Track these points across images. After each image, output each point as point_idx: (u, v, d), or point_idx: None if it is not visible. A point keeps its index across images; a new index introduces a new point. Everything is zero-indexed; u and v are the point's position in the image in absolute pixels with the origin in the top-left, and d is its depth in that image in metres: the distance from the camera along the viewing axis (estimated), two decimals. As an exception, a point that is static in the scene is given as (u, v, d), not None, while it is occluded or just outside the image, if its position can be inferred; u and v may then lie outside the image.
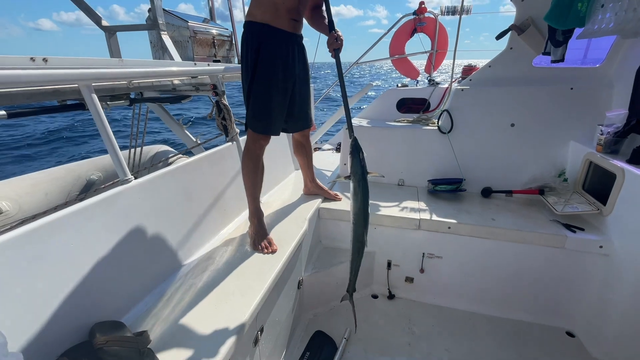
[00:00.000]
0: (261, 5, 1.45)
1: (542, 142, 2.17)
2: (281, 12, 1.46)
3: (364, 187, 1.27)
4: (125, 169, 1.21)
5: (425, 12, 3.03)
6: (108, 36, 1.94)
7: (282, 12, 1.47)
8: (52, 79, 1.00)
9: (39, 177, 2.03)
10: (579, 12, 1.31)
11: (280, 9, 1.46)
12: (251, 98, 1.52)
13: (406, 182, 2.49)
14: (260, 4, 1.45)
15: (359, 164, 1.31)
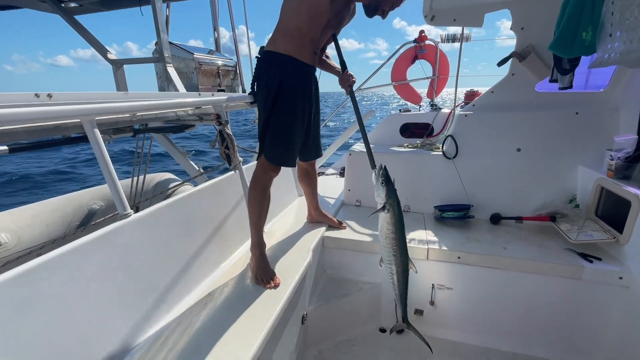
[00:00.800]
0: (288, 36, 1.47)
1: (550, 167, 2.13)
2: (305, 45, 1.49)
3: (400, 214, 1.32)
4: (125, 203, 1.18)
5: (425, 40, 3.09)
6: (115, 69, 1.98)
7: (306, 45, 1.50)
8: (54, 115, 0.99)
9: (40, 207, 2.01)
10: (584, 41, 1.31)
11: (305, 42, 1.49)
12: (270, 129, 1.51)
13: (412, 208, 2.43)
14: (287, 36, 1.47)
15: (394, 193, 1.34)
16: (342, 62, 1.77)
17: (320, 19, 1.46)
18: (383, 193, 1.28)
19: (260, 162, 1.57)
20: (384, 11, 1.54)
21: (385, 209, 1.31)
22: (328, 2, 1.41)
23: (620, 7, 1.08)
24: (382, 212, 1.33)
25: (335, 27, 1.61)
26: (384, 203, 1.29)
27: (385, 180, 1.27)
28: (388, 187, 1.27)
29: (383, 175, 1.29)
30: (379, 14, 1.55)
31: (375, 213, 1.37)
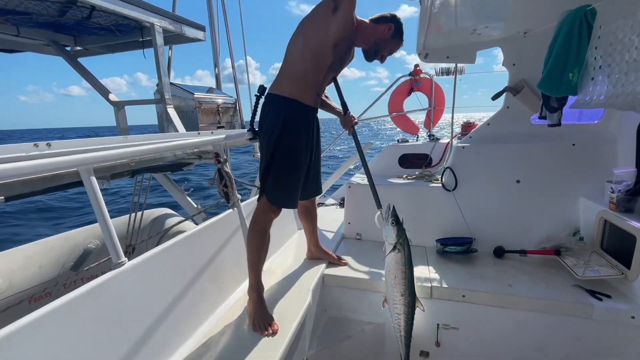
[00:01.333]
0: (293, 80, 1.50)
1: (551, 199, 2.11)
2: (309, 88, 1.53)
3: (410, 254, 1.30)
4: (119, 251, 1.15)
5: (420, 73, 3.18)
6: (116, 110, 2.02)
7: (310, 88, 1.53)
8: (53, 167, 0.98)
9: (34, 248, 1.98)
10: (570, 82, 1.34)
11: (309, 85, 1.52)
12: (272, 171, 1.51)
13: (413, 241, 2.37)
14: (292, 79, 1.50)
15: (404, 233, 1.33)
16: (344, 103, 1.82)
17: (324, 63, 1.51)
18: (394, 233, 1.27)
19: (261, 203, 1.55)
20: (382, 56, 1.60)
21: (395, 249, 1.30)
22: (331, 47, 1.46)
23: (603, 52, 1.11)
24: (393, 252, 1.31)
25: (336, 70, 1.65)
26: (395, 243, 1.28)
27: (395, 221, 1.27)
28: (398, 227, 1.27)
29: (393, 215, 1.29)
30: (378, 58, 1.62)
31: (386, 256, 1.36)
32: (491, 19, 1.78)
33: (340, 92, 1.81)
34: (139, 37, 1.99)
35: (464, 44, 2.11)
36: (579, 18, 1.32)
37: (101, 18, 1.74)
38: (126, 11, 1.59)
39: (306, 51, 1.47)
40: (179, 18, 1.97)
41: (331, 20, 1.41)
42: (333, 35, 1.43)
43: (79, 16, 1.69)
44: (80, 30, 1.97)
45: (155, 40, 1.81)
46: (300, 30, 1.48)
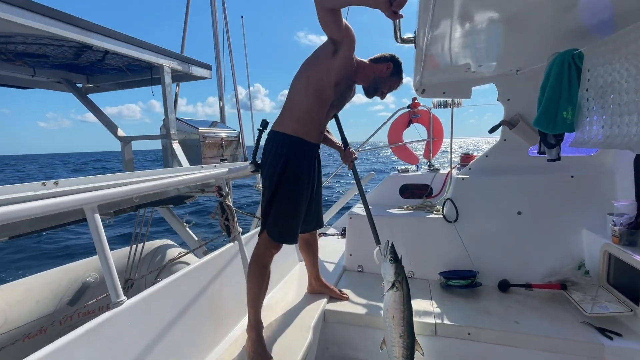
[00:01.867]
0: (296, 118, 1.55)
1: (553, 231, 2.10)
2: (313, 125, 1.58)
3: (409, 293, 1.28)
4: (119, 290, 1.14)
5: (418, 106, 3.28)
6: (123, 145, 2.08)
7: (313, 125, 1.58)
8: (58, 207, 1.00)
9: (34, 281, 1.96)
10: (565, 120, 1.38)
11: (313, 122, 1.57)
12: (273, 207, 1.52)
13: (416, 274, 2.35)
14: (296, 117, 1.55)
15: (403, 270, 1.31)
16: (344, 139, 1.88)
17: (326, 101, 1.56)
18: (392, 270, 1.25)
19: (262, 238, 1.56)
20: (382, 92, 1.66)
21: (394, 287, 1.27)
22: (332, 85, 1.52)
23: (594, 94, 1.16)
24: (391, 290, 1.29)
25: (337, 107, 1.71)
26: (393, 281, 1.25)
27: (393, 258, 1.26)
28: (397, 265, 1.25)
29: (392, 252, 1.27)
30: (378, 95, 1.68)
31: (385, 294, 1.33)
32: (483, 59, 1.86)
33: (341, 128, 1.87)
34: (148, 75, 2.09)
35: (459, 80, 2.20)
36: (567, 61, 1.38)
37: (114, 60, 1.84)
38: (138, 54, 1.70)
39: (309, 90, 1.53)
40: (186, 59, 2.09)
41: (332, 61, 1.48)
42: (334, 74, 1.50)
43: (93, 58, 1.79)
44: (93, 69, 2.08)
45: (163, 80, 1.91)
46: (303, 70, 1.56)
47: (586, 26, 1.36)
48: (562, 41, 1.51)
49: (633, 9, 1.16)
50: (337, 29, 1.40)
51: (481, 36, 1.48)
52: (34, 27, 1.18)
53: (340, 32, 1.41)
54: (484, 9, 1.21)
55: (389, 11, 1.13)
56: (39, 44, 1.52)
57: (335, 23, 1.38)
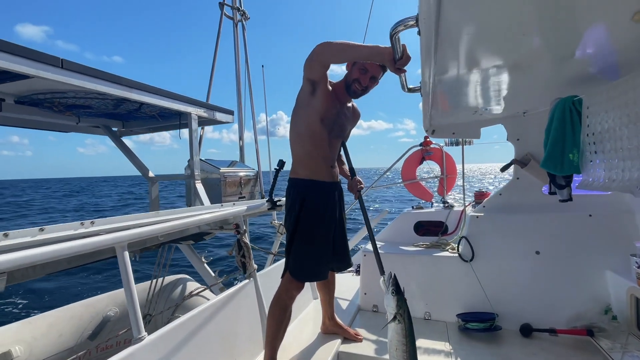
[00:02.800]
0: (302, 163, 1.63)
1: (575, 272, 2.03)
2: (320, 164, 1.63)
3: (411, 325, 1.27)
4: (141, 326, 1.20)
5: (430, 144, 3.36)
6: (151, 184, 2.25)
7: (320, 164, 1.63)
8: (93, 247, 1.11)
9: (58, 315, 2.05)
10: (572, 162, 1.41)
11: (319, 162, 1.62)
12: (294, 247, 1.57)
13: (433, 315, 2.29)
14: (302, 163, 1.63)
15: (405, 303, 1.30)
16: (351, 168, 1.89)
17: (321, 138, 1.60)
18: (393, 303, 1.25)
19: (285, 279, 1.59)
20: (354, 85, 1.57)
21: (395, 320, 1.27)
22: (318, 122, 1.56)
23: (595, 139, 1.21)
24: (393, 323, 1.28)
25: (340, 135, 1.70)
26: (395, 314, 1.26)
27: (395, 290, 1.26)
28: (399, 297, 1.25)
29: (393, 284, 1.28)
30: (354, 88, 1.59)
31: (386, 326, 1.31)
32: (489, 103, 1.95)
33: (348, 157, 1.88)
34: (177, 120, 2.30)
35: (468, 122, 2.28)
36: (568, 106, 1.44)
37: (148, 109, 2.06)
38: (169, 104, 1.90)
39: (302, 137, 1.60)
40: (211, 106, 2.30)
41: (312, 101, 1.54)
42: (316, 113, 1.55)
43: (130, 108, 2.02)
44: (128, 117, 2.33)
45: (190, 126, 2.10)
46: (292, 121, 1.65)
47: (585, 74, 1.43)
48: (564, 87, 1.58)
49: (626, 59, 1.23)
50: (320, 72, 1.47)
51: (485, 83, 1.58)
52: (85, 87, 1.39)
53: (322, 74, 1.47)
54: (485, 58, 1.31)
55: (394, 67, 1.25)
56: (86, 98, 1.75)
57: (323, 68, 1.45)
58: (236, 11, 3.04)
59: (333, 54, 1.38)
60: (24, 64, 1.20)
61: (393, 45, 1.12)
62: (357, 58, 1.40)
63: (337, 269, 1.87)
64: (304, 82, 1.54)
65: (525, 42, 1.10)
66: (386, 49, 1.22)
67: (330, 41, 1.37)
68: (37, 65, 1.25)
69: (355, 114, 1.84)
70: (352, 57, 1.37)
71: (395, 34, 1.02)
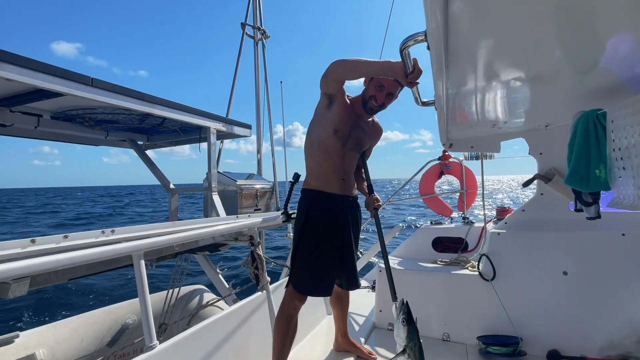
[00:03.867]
0: (313, 173, 1.66)
1: (607, 296, 1.89)
2: (330, 176, 1.62)
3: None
4: (153, 334, 1.23)
5: (449, 158, 3.29)
6: (171, 195, 2.34)
7: (330, 176, 1.62)
8: (111, 254, 1.15)
9: (80, 321, 2.13)
10: (599, 178, 1.34)
11: (329, 173, 1.62)
12: (297, 259, 1.58)
13: (452, 336, 2.19)
14: (313, 173, 1.66)
15: (416, 335, 1.20)
16: (370, 185, 1.83)
17: (334, 150, 1.60)
18: (404, 334, 1.16)
19: (288, 290, 1.59)
20: (371, 101, 1.56)
21: (405, 353, 1.18)
22: (332, 134, 1.57)
23: (622, 155, 1.14)
24: (402, 356, 1.19)
25: (355, 148, 1.67)
26: (404, 346, 1.17)
27: (406, 319, 1.18)
28: (409, 328, 1.17)
29: (404, 312, 1.21)
30: (370, 105, 1.58)
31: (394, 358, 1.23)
32: (508, 117, 1.89)
33: (367, 173, 1.84)
34: (197, 134, 2.40)
35: (487, 135, 2.22)
36: (592, 120, 1.38)
37: (170, 124, 2.17)
38: (189, 119, 1.99)
39: (314, 147, 1.63)
40: (230, 121, 2.39)
41: (328, 114, 1.57)
42: (330, 124, 1.57)
43: (153, 123, 2.13)
44: (152, 131, 2.45)
45: (209, 140, 2.19)
46: (308, 132, 1.69)
47: (610, 85, 1.37)
48: (588, 99, 1.52)
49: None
50: (335, 87, 1.50)
51: (502, 96, 1.54)
52: (112, 103, 1.49)
53: (337, 88, 1.51)
54: (501, 72, 1.28)
55: (406, 81, 1.25)
56: (114, 114, 1.87)
57: (338, 84, 1.48)
58: (257, 30, 3.18)
59: (346, 71, 1.41)
60: (58, 83, 1.31)
61: (404, 60, 1.13)
62: (369, 74, 1.42)
63: (345, 286, 1.82)
64: (322, 96, 1.59)
65: (541, 54, 1.08)
66: (398, 64, 1.23)
67: (343, 59, 1.42)
68: (69, 83, 1.36)
69: (375, 128, 1.81)
70: (364, 73, 1.40)
71: (405, 48, 1.03)
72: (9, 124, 1.81)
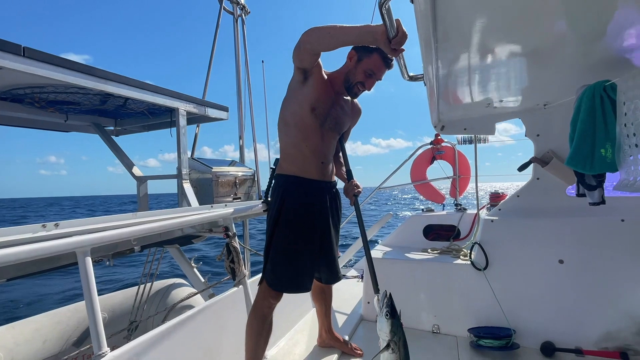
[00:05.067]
0: (288, 157, 1.48)
1: (605, 285, 1.79)
2: (308, 159, 1.45)
3: (407, 356, 1.07)
4: (103, 341, 1.07)
5: (441, 142, 3.14)
6: (139, 184, 2.16)
7: (309, 159, 1.45)
8: (48, 252, 0.99)
9: (44, 320, 1.97)
10: (604, 158, 1.20)
11: (307, 156, 1.45)
12: (271, 252, 1.42)
13: (442, 329, 2.09)
14: (288, 157, 1.48)
15: (401, 329, 1.11)
16: (349, 171, 1.71)
17: (310, 130, 1.43)
18: (387, 328, 1.06)
19: (261, 287, 1.45)
20: (357, 86, 1.45)
21: (389, 348, 1.08)
22: (309, 112, 1.40)
23: (635, 130, 1.00)
24: (386, 351, 1.09)
25: (334, 129, 1.52)
26: (388, 341, 1.07)
27: (390, 312, 1.07)
28: (393, 322, 1.06)
29: (388, 305, 1.09)
30: (356, 90, 1.46)
31: (378, 355, 1.12)
32: (504, 95, 1.74)
33: (346, 158, 1.71)
34: (168, 118, 2.21)
35: (481, 116, 2.07)
36: (598, 93, 1.23)
37: (135, 105, 1.97)
38: (153, 99, 1.80)
39: (289, 127, 1.45)
40: (202, 102, 2.19)
41: (303, 90, 1.39)
42: (306, 102, 1.39)
43: (116, 104, 1.93)
44: (118, 114, 2.25)
45: (178, 122, 2.00)
46: (281, 111, 1.49)
47: (618, 55, 1.22)
48: (591, 73, 1.37)
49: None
50: (311, 60, 1.32)
51: (497, 71, 1.38)
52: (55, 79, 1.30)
53: (313, 62, 1.33)
54: (495, 44, 1.13)
55: (389, 48, 1.08)
56: (67, 93, 1.66)
57: (312, 57, 1.30)
58: (236, 5, 2.94)
59: (321, 41, 1.22)
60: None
61: (384, 20, 0.95)
62: (347, 42, 1.22)
63: (324, 280, 1.69)
64: (295, 70, 1.40)
65: (541, 24, 0.94)
66: (378, 27, 1.05)
67: (317, 27, 1.22)
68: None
69: (355, 109, 1.66)
70: (342, 41, 1.20)
71: (384, 3, 0.85)
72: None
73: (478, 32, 0.99)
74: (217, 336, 1.54)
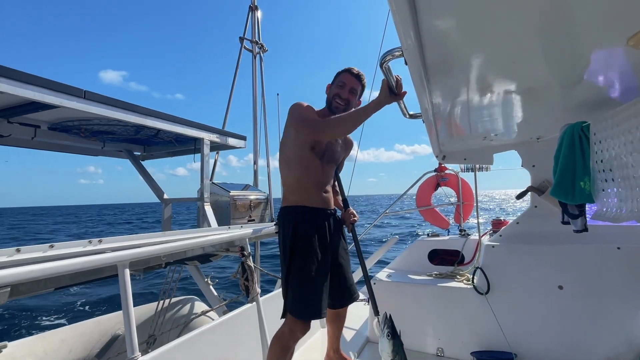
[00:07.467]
0: (292, 190, 1.62)
1: (604, 311, 1.84)
2: (311, 190, 1.59)
3: None
4: (135, 346, 1.22)
5: (445, 170, 3.29)
6: (164, 205, 2.36)
7: (311, 190, 1.59)
8: (94, 264, 1.16)
9: (70, 331, 2.12)
10: (583, 190, 1.33)
11: (310, 187, 1.59)
12: (291, 282, 1.47)
13: (446, 352, 2.14)
14: (291, 189, 1.62)
15: (402, 348, 1.19)
16: (344, 199, 1.85)
17: (310, 164, 1.59)
18: (389, 348, 1.16)
19: (287, 320, 1.48)
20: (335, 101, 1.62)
21: None
22: (309, 151, 1.58)
23: (604, 167, 1.14)
24: None
25: (332, 160, 1.69)
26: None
27: (391, 333, 1.17)
28: (395, 342, 1.16)
29: (389, 326, 1.19)
30: (337, 104, 1.62)
31: None
32: (498, 130, 1.90)
33: (341, 188, 1.85)
34: (192, 145, 2.44)
35: (479, 147, 2.22)
36: (577, 132, 1.39)
37: (165, 135, 2.21)
38: (183, 130, 2.03)
39: (290, 164, 1.61)
40: (224, 132, 2.43)
41: (299, 134, 1.58)
42: (306, 143, 1.58)
43: (149, 134, 2.17)
44: (149, 142, 2.50)
45: (202, 151, 2.22)
46: (280, 151, 1.67)
47: (595, 98, 1.38)
48: (574, 113, 1.53)
49: (633, 85, 1.19)
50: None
51: (489, 109, 1.55)
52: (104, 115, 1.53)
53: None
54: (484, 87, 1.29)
55: (394, 99, 1.27)
56: (109, 125, 1.91)
57: None
58: (255, 44, 3.26)
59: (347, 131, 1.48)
60: (51, 95, 1.35)
61: (385, 75, 1.15)
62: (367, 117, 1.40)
63: (339, 303, 1.74)
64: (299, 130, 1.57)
65: (522, 69, 1.09)
66: (381, 92, 1.28)
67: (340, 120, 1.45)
68: (62, 96, 1.40)
69: (347, 141, 1.85)
70: (363, 119, 1.41)
71: (384, 62, 1.05)
72: (7, 134, 1.86)
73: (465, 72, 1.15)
74: (231, 349, 1.65)
